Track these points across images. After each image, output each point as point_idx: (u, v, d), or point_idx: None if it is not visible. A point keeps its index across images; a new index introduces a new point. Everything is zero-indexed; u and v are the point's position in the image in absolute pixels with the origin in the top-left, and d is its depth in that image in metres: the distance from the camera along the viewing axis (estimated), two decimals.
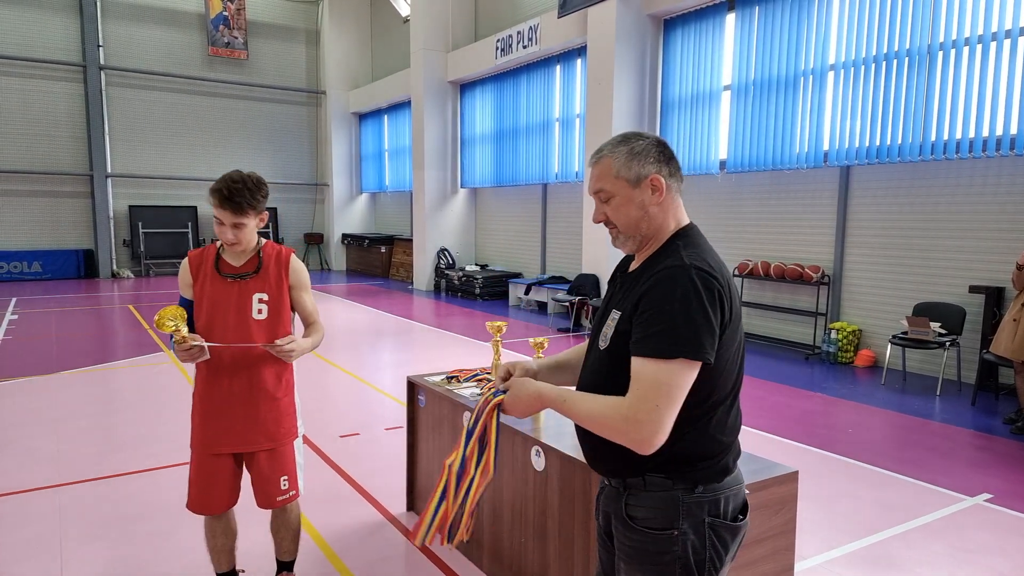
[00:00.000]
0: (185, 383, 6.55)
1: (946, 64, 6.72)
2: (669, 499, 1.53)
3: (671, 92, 9.77)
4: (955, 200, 6.90)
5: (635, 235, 1.60)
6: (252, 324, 2.57)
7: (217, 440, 2.62)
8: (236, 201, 2.46)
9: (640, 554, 1.56)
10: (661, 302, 1.44)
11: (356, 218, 19.80)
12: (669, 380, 1.41)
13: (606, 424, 1.45)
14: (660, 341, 1.42)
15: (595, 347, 1.63)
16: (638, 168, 1.56)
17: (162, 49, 17.31)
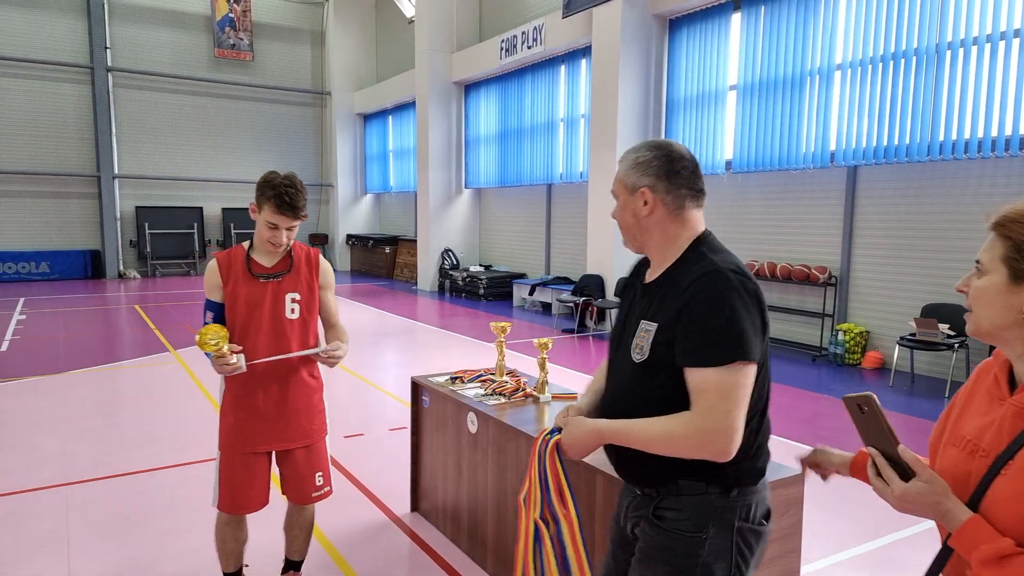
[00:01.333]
0: (191, 383, 6.56)
1: (954, 63, 6.68)
2: (703, 503, 1.53)
3: (676, 92, 9.74)
4: (963, 200, 6.86)
5: (630, 238, 1.66)
6: (286, 324, 2.61)
7: (256, 439, 2.63)
8: (298, 204, 2.51)
9: (663, 553, 1.55)
10: (707, 310, 1.45)
11: (360, 219, 19.83)
12: (734, 384, 1.42)
13: (681, 442, 1.45)
14: (716, 348, 1.43)
15: (624, 360, 1.62)
16: (635, 178, 1.60)
17: (168, 51, 17.38)
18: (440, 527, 3.53)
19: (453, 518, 3.40)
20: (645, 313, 1.59)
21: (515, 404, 3.16)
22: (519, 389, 3.31)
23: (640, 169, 1.59)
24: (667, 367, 1.51)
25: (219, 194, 18.31)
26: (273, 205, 2.49)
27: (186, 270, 17.77)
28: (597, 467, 2.37)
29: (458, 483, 3.33)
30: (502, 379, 3.45)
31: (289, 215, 2.50)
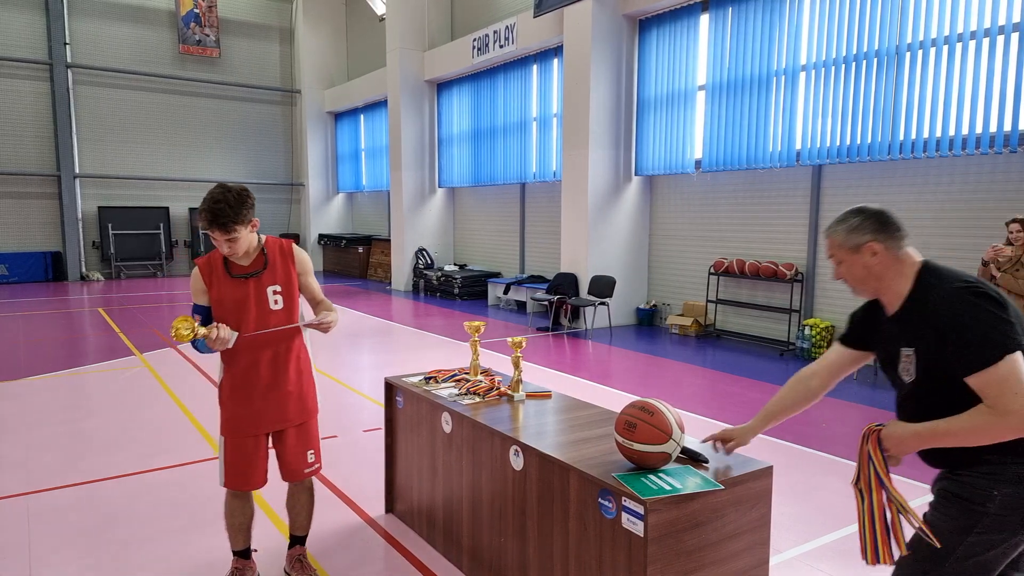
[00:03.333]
0: (158, 388, 6.45)
1: (913, 65, 6.86)
2: (997, 470, 1.78)
3: (647, 92, 9.84)
4: (923, 198, 7.05)
5: (865, 287, 2.00)
6: (271, 315, 2.81)
7: (255, 421, 2.85)
8: (221, 221, 2.60)
9: (954, 496, 1.84)
10: (962, 325, 1.73)
11: (333, 218, 19.64)
12: (1011, 374, 1.68)
13: (989, 428, 1.71)
14: (987, 353, 1.70)
15: (900, 380, 1.95)
16: (856, 239, 1.95)
17: (131, 47, 17.01)
18: (415, 528, 3.53)
19: (428, 518, 3.40)
20: (900, 340, 1.92)
21: (489, 403, 3.17)
22: (493, 388, 3.33)
23: (857, 231, 1.94)
24: (939, 383, 1.82)
25: (186, 194, 17.97)
26: (202, 221, 2.65)
27: (152, 271, 17.43)
28: (571, 464, 2.39)
29: (433, 483, 3.33)
30: (476, 378, 3.46)
31: (217, 229, 2.61)
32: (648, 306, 10.24)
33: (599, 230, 9.91)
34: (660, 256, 10.24)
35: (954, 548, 1.82)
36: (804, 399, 2.27)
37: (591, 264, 9.89)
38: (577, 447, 2.57)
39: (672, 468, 2.31)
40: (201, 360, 7.55)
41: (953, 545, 1.82)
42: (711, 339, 9.03)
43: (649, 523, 2.06)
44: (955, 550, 1.81)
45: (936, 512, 1.88)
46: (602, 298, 9.51)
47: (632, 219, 10.19)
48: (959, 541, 1.81)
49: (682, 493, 2.12)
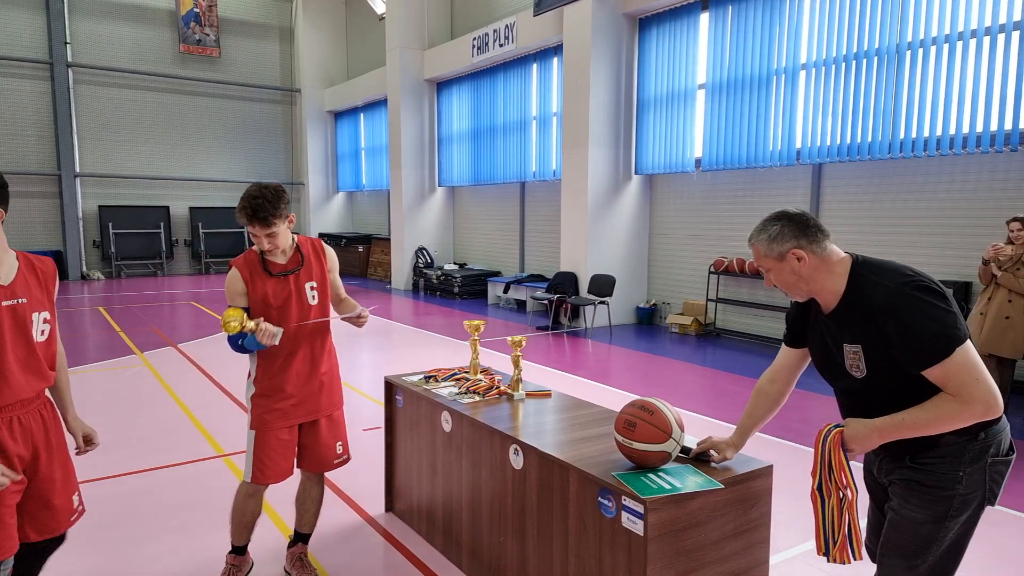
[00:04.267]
0: (159, 387, 6.45)
1: (914, 63, 6.85)
2: (956, 448, 1.84)
3: (647, 91, 9.83)
4: (923, 197, 7.05)
5: (797, 291, 2.00)
6: (309, 309, 2.92)
7: (288, 415, 2.90)
8: (262, 216, 2.68)
9: (922, 485, 1.87)
10: (909, 324, 1.75)
11: (333, 217, 19.64)
12: (969, 362, 1.74)
13: (955, 415, 1.76)
14: (941, 346, 1.73)
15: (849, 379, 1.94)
16: (778, 247, 1.95)
17: (131, 46, 17.00)
18: (415, 527, 3.53)
19: (428, 517, 3.40)
20: (843, 337, 1.92)
21: (489, 402, 3.17)
22: (493, 387, 3.33)
23: (778, 240, 1.94)
24: (891, 375, 1.84)
25: (186, 193, 17.98)
26: (243, 218, 2.71)
27: (153, 271, 17.44)
28: (571, 463, 2.39)
29: (432, 482, 3.33)
30: (476, 377, 3.46)
31: (258, 224, 2.69)
32: (648, 305, 10.24)
33: (599, 229, 9.91)
34: (660, 255, 10.23)
35: (935, 536, 1.86)
36: (772, 405, 2.30)
37: (591, 263, 9.89)
38: (577, 446, 2.57)
39: (672, 467, 2.31)
40: (202, 360, 7.56)
41: (933, 534, 1.86)
42: (711, 338, 9.02)
43: (649, 522, 2.06)
44: (936, 538, 1.86)
45: (908, 504, 1.90)
46: (602, 297, 9.51)
47: (632, 218, 10.19)
48: (938, 529, 1.86)
49: (682, 492, 2.12)
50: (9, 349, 2.07)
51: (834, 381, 2.05)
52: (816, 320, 2.05)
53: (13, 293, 2.11)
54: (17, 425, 2.14)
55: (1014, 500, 3.99)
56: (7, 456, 2.11)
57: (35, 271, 2.20)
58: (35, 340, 2.15)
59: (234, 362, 7.03)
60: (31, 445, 2.19)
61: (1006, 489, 4.09)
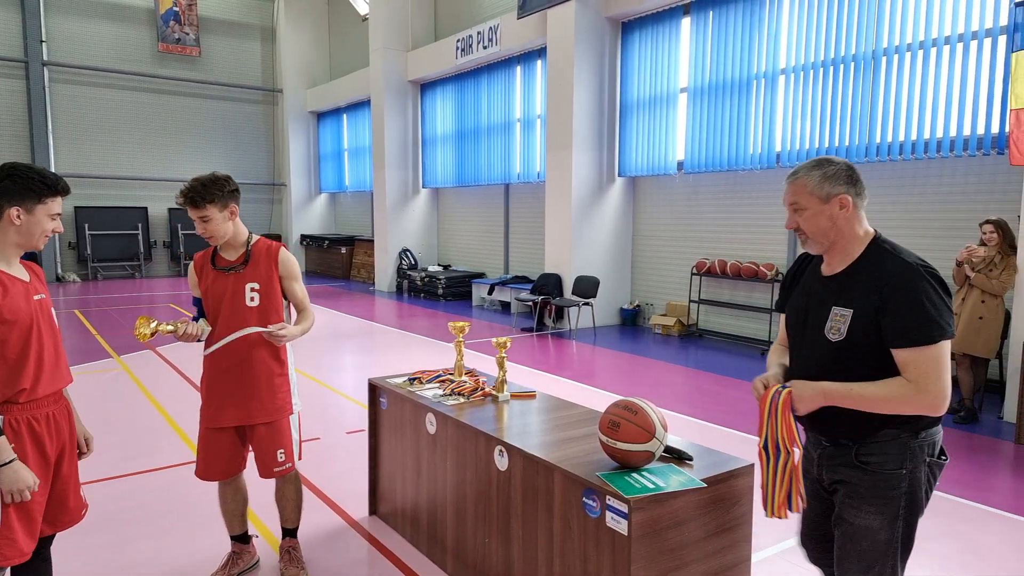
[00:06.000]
0: (137, 390, 6.37)
1: (890, 69, 6.97)
2: (899, 445, 1.88)
3: (629, 94, 9.89)
4: (899, 199, 7.17)
5: (822, 240, 1.95)
6: (245, 310, 2.89)
7: (219, 415, 2.93)
8: (190, 196, 2.75)
9: (872, 491, 1.89)
10: (913, 300, 1.78)
11: (315, 218, 19.51)
12: (941, 357, 1.78)
13: (904, 400, 1.79)
14: (926, 331, 1.77)
15: (818, 340, 1.94)
16: (829, 188, 1.90)
17: (109, 45, 16.77)
18: (399, 530, 3.52)
19: (412, 520, 3.40)
20: (837, 300, 1.91)
21: (474, 404, 3.18)
22: (478, 388, 3.33)
23: (832, 181, 1.90)
24: (864, 347, 1.85)
25: (165, 194, 17.76)
26: (180, 198, 2.79)
27: (130, 272, 17.21)
28: (555, 464, 2.41)
29: (417, 485, 3.33)
30: (461, 379, 3.47)
31: (189, 205, 2.77)
32: (631, 306, 10.30)
33: (583, 231, 9.95)
34: (643, 257, 10.30)
35: (892, 539, 1.90)
36: None
37: (575, 265, 9.93)
38: (561, 447, 2.59)
39: (655, 467, 2.34)
40: (180, 362, 7.48)
41: (890, 537, 1.90)
42: (694, 339, 9.10)
43: (633, 521, 2.08)
44: (893, 540, 1.90)
45: (860, 512, 1.91)
46: (586, 298, 9.55)
47: (615, 220, 10.24)
48: (893, 531, 1.89)
49: (665, 491, 2.14)
50: (46, 341, 2.20)
51: (801, 340, 2.03)
52: (807, 280, 2.06)
53: (36, 289, 2.24)
54: (53, 421, 2.23)
55: (989, 496, 4.08)
56: (44, 457, 2.20)
57: (35, 272, 2.30)
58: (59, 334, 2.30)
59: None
60: (61, 443, 2.27)
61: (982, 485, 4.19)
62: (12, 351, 2.11)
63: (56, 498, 2.28)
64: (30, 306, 2.17)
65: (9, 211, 2.11)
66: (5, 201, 2.11)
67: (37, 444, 2.17)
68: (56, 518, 2.31)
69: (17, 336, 2.12)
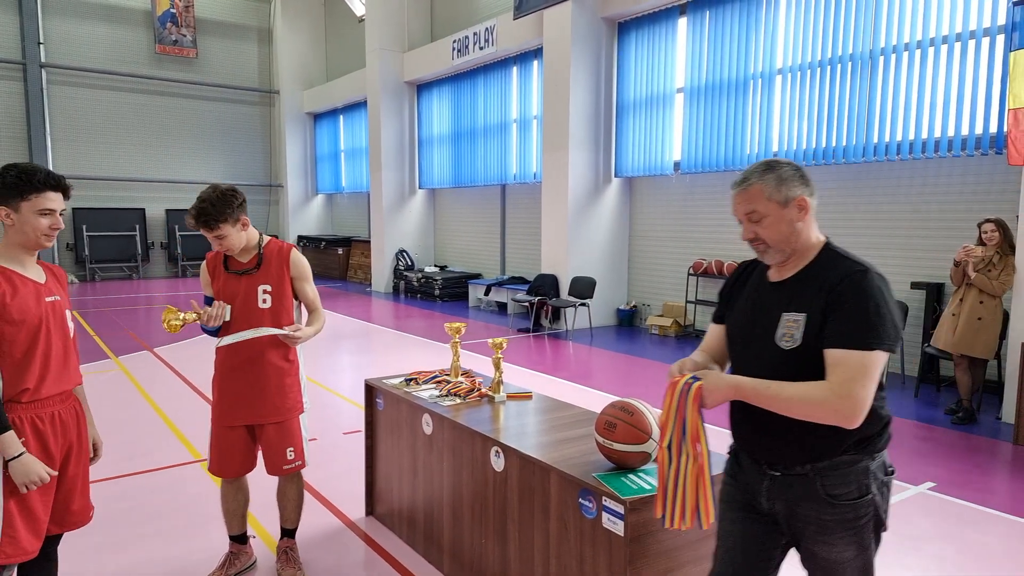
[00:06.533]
0: (135, 392, 6.35)
1: (887, 68, 6.98)
2: (861, 470, 1.75)
3: (626, 94, 9.90)
4: (896, 200, 7.18)
5: (784, 248, 1.81)
6: (258, 312, 2.93)
7: (230, 414, 2.97)
8: (204, 219, 2.77)
9: (842, 524, 1.76)
10: (861, 304, 1.67)
11: (312, 219, 19.50)
12: (872, 367, 1.64)
13: (819, 403, 1.65)
14: (864, 336, 1.64)
15: (767, 349, 1.79)
16: (786, 191, 1.78)
17: (107, 46, 16.76)
18: (396, 530, 3.51)
19: (409, 521, 3.39)
20: (787, 306, 1.78)
21: (470, 404, 3.17)
22: (474, 389, 3.33)
23: (788, 182, 1.78)
24: (816, 354, 1.71)
25: (162, 195, 17.74)
26: (192, 219, 2.80)
27: (128, 274, 17.17)
28: (551, 464, 2.40)
29: (413, 485, 3.32)
30: (457, 380, 3.46)
31: (203, 227, 2.80)
32: (628, 307, 10.30)
33: (579, 231, 9.95)
34: (640, 257, 10.30)
35: (868, 562, 1.81)
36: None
37: (571, 265, 9.92)
38: (558, 447, 2.58)
39: (652, 467, 2.33)
40: (179, 363, 7.46)
41: (866, 560, 1.81)
42: (690, 339, 9.10)
43: (629, 522, 2.08)
44: (868, 562, 1.81)
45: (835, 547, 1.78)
46: (582, 299, 9.54)
47: (612, 220, 10.24)
48: (868, 553, 1.80)
49: None
50: (54, 342, 2.23)
51: (745, 351, 1.89)
52: (752, 288, 1.92)
53: (50, 291, 2.28)
54: (58, 420, 2.26)
55: (987, 497, 4.08)
56: (49, 455, 2.21)
57: (55, 275, 2.37)
58: (70, 336, 2.33)
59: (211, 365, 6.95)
60: (67, 443, 2.30)
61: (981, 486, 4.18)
62: (18, 350, 2.14)
63: (62, 498, 2.31)
64: (40, 307, 2.20)
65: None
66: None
67: (41, 442, 2.19)
68: (62, 518, 2.33)
69: (24, 336, 2.14)
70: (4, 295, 2.11)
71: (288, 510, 3.17)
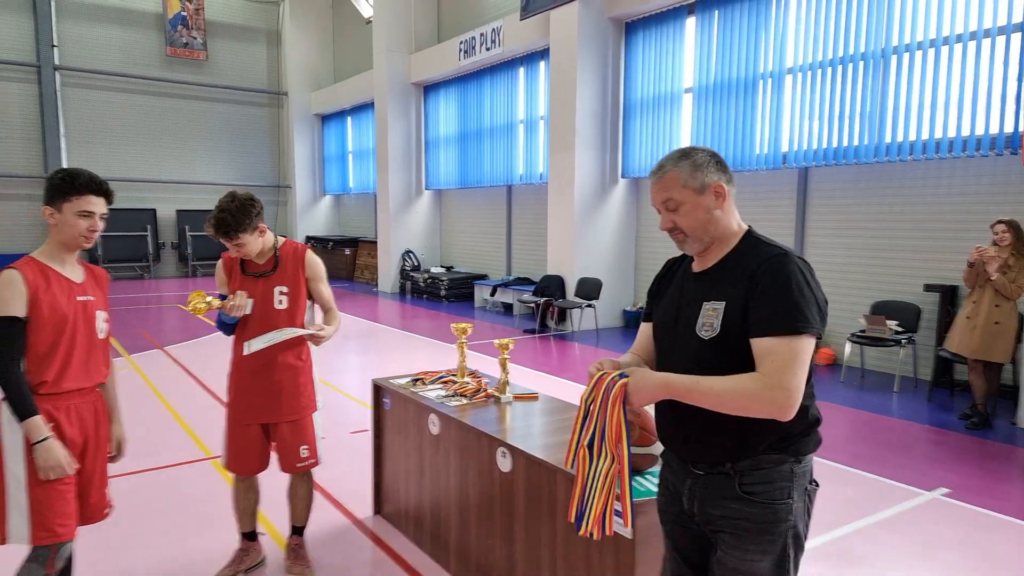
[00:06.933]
0: (146, 390, 6.38)
1: (899, 68, 6.92)
2: (784, 471, 1.68)
3: (633, 94, 9.87)
4: (909, 201, 7.11)
5: (702, 237, 1.75)
6: (274, 314, 2.96)
7: (247, 412, 3.01)
8: (224, 230, 2.82)
9: (757, 526, 1.67)
10: (781, 287, 1.60)
11: (320, 220, 19.56)
12: (801, 352, 1.58)
13: (752, 395, 1.57)
14: (788, 320, 1.58)
15: (690, 340, 1.72)
16: (702, 177, 1.72)
17: (119, 49, 16.89)
18: (403, 529, 3.51)
19: (416, 520, 3.38)
20: (707, 296, 1.72)
21: (476, 405, 3.16)
22: (480, 390, 3.32)
23: (703, 169, 1.72)
24: (736, 342, 1.64)
25: (173, 196, 17.86)
26: (211, 228, 2.85)
27: (139, 273, 17.28)
28: (558, 466, 2.39)
29: (420, 485, 3.32)
30: (463, 380, 3.45)
31: (222, 237, 2.84)
32: (635, 308, 10.26)
33: (586, 232, 9.93)
34: (647, 258, 10.26)
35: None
36: None
37: (578, 266, 9.90)
38: (564, 449, 2.56)
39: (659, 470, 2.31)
40: (190, 362, 7.49)
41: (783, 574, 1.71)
42: None
43: (637, 525, 2.06)
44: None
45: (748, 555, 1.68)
46: (589, 300, 9.52)
47: (618, 221, 10.21)
48: (783, 571, 1.69)
49: None
50: (79, 340, 2.31)
51: (672, 344, 1.81)
52: (678, 282, 1.87)
53: (84, 290, 2.37)
54: (75, 414, 2.33)
55: (1003, 504, 4.03)
56: (64, 441, 2.28)
57: (95, 276, 2.48)
58: (98, 336, 2.39)
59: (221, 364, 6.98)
60: (83, 435, 2.36)
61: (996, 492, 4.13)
62: (42, 345, 2.22)
63: (79, 491, 2.36)
64: (70, 306, 2.29)
65: (44, 210, 2.29)
66: (44, 203, 2.29)
67: (56, 429, 2.25)
68: (80, 511, 2.38)
69: (50, 332, 2.23)
70: (37, 289, 2.21)
71: (298, 508, 3.18)
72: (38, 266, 2.26)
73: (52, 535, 2.22)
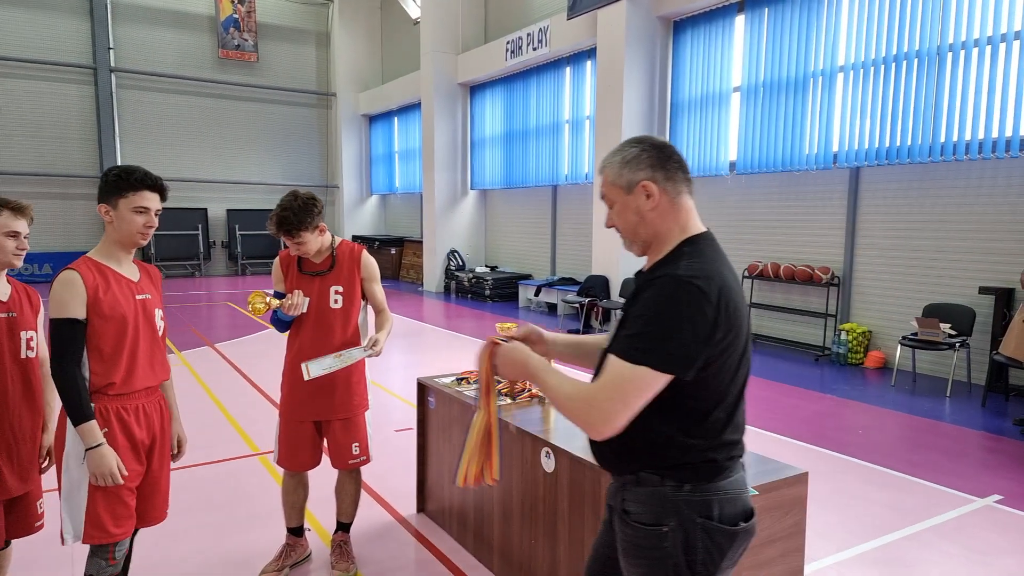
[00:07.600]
0: (197, 387, 6.60)
1: (955, 65, 6.69)
2: (658, 495, 1.54)
3: (681, 94, 9.76)
4: (964, 201, 6.87)
5: (635, 239, 1.64)
6: (330, 313, 3.02)
7: (301, 410, 3.06)
8: (286, 227, 2.86)
9: (635, 548, 1.58)
10: (646, 309, 1.48)
11: (366, 220, 19.88)
12: (629, 382, 1.44)
13: (569, 403, 1.52)
14: (633, 345, 1.46)
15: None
16: (629, 175, 1.58)
17: (172, 51, 17.45)
18: (446, 528, 3.56)
19: (459, 519, 3.43)
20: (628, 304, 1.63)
21: (520, 405, 3.19)
22: (524, 390, 3.34)
23: (631, 166, 1.58)
24: None
25: (224, 195, 18.37)
26: (273, 226, 2.89)
27: (191, 271, 17.84)
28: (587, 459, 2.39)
29: None
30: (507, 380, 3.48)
31: (284, 235, 2.89)
32: None
33: None
34: None
35: None
36: None
37: (623, 267, 9.84)
38: None
39: None
40: (239, 359, 7.71)
41: None
42: None
43: None
44: None
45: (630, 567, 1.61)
46: None
47: None
48: None
49: None
50: (142, 339, 2.33)
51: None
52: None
53: (142, 289, 2.38)
54: (143, 414, 2.36)
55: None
56: (134, 442, 2.31)
57: (149, 274, 2.49)
58: (158, 334, 2.41)
59: (269, 361, 7.17)
60: (151, 436, 2.39)
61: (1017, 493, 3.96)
62: (107, 345, 2.23)
63: (145, 491, 2.38)
64: (131, 304, 2.30)
65: (100, 208, 2.30)
66: (99, 201, 2.31)
67: (126, 431, 2.28)
68: (144, 513, 2.40)
69: (113, 331, 2.24)
70: (97, 289, 2.22)
71: (345, 504, 3.24)
72: (96, 266, 2.27)
73: (106, 535, 2.22)
